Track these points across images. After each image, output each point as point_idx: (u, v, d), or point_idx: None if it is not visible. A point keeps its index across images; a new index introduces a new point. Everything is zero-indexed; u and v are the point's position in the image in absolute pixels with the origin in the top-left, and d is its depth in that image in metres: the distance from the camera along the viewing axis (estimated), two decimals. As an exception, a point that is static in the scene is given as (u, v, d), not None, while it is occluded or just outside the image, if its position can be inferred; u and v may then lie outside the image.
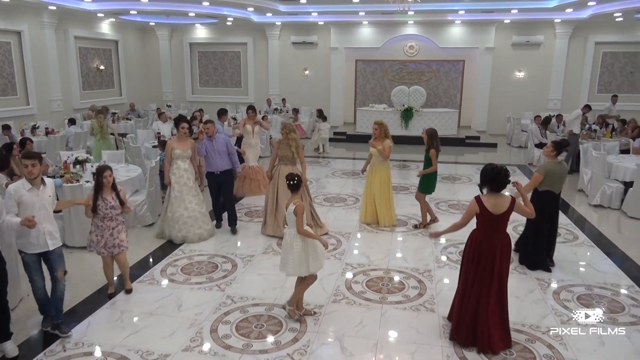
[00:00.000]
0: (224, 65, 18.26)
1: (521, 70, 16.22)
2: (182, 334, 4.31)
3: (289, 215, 4.34)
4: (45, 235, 4.17)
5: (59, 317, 4.33)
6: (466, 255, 4.17)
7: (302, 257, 4.28)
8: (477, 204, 3.98)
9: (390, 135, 7.04)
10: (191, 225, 6.44)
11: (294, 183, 4.38)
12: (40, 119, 12.60)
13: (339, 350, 4.11)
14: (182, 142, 6.42)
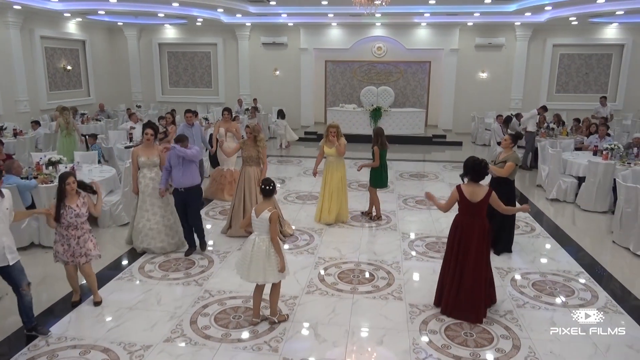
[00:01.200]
0: (194, 66, 18.27)
1: (484, 70, 16.85)
2: (163, 326, 4.49)
3: (260, 221, 4.26)
4: (5, 250, 3.99)
5: (32, 322, 4.31)
6: (449, 237, 4.72)
7: (275, 265, 4.29)
8: (457, 192, 4.55)
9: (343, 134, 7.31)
10: (152, 238, 6.09)
11: (269, 188, 4.36)
12: (6, 120, 12.41)
13: (313, 337, 4.38)
14: (147, 150, 6.06)
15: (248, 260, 4.30)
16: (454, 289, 4.63)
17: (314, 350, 4.17)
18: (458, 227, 4.64)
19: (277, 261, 4.29)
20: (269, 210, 4.25)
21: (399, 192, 9.39)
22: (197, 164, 6.06)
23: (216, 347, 4.17)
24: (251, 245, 4.31)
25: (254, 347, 4.19)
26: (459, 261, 4.59)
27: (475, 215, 4.56)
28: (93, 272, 4.87)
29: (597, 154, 8.96)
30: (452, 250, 4.67)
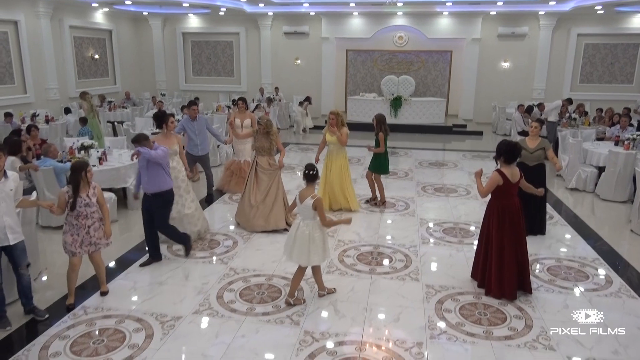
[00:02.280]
0: (217, 55, 18.55)
1: (507, 60, 16.72)
2: (191, 300, 4.77)
3: (304, 207, 4.44)
4: (6, 230, 4.07)
5: (31, 304, 4.40)
6: (498, 222, 4.79)
7: (323, 246, 4.55)
8: (500, 176, 4.67)
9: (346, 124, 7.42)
10: (187, 223, 6.11)
11: (313, 173, 4.50)
12: (37, 107, 12.88)
13: (332, 312, 4.60)
14: (166, 139, 5.98)
15: (291, 243, 4.53)
16: (512, 270, 4.77)
17: (333, 324, 4.39)
18: (507, 210, 4.75)
19: (322, 245, 4.51)
20: (312, 197, 4.41)
21: (418, 180, 9.52)
22: (166, 166, 5.45)
23: (241, 320, 4.43)
24: (295, 228, 4.53)
25: (277, 320, 4.44)
26: (516, 242, 4.78)
27: (514, 195, 4.81)
28: (103, 262, 4.88)
29: (618, 144, 8.94)
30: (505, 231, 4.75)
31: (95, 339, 4.12)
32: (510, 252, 4.78)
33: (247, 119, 8.44)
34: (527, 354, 3.99)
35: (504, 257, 4.80)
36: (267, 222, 6.57)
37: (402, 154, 12.09)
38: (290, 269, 5.47)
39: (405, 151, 12.42)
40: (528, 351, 4.03)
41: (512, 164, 4.76)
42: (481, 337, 4.21)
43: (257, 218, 6.57)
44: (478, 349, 4.05)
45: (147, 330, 4.24)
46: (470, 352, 4.01)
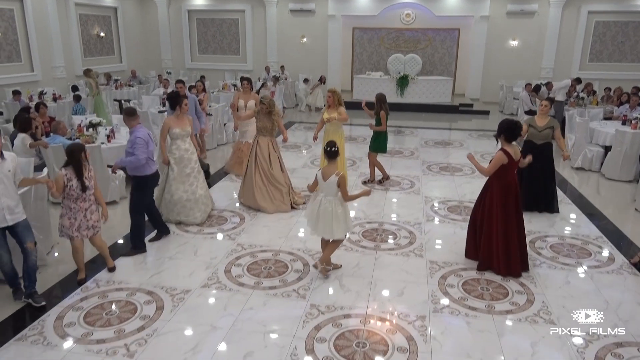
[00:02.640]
0: (223, 33, 18.43)
1: (515, 38, 16.51)
2: (200, 274, 4.89)
3: (328, 184, 4.51)
4: (4, 211, 4.06)
5: (32, 287, 4.32)
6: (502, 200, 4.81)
7: (345, 220, 4.65)
8: (504, 155, 4.70)
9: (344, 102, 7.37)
10: (190, 209, 6.04)
11: (334, 150, 4.57)
12: (44, 85, 12.94)
13: (338, 287, 4.70)
14: (180, 120, 5.91)
15: (315, 218, 4.63)
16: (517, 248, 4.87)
17: (339, 298, 4.49)
18: (509, 189, 4.81)
19: (344, 219, 4.62)
20: (336, 174, 4.50)
21: (424, 159, 9.55)
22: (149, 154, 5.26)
23: (249, 293, 4.55)
24: (317, 204, 4.60)
25: (284, 294, 4.55)
26: (519, 220, 4.89)
27: (515, 174, 4.89)
28: (104, 242, 4.91)
29: (625, 124, 8.89)
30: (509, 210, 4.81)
31: (107, 311, 4.25)
32: (514, 230, 4.85)
33: (251, 100, 8.13)
34: (528, 327, 4.09)
35: (509, 236, 4.85)
36: (269, 204, 6.55)
37: (408, 133, 12.09)
38: (296, 245, 5.59)
39: (411, 130, 12.41)
40: (529, 325, 4.12)
41: (513, 143, 4.81)
42: (483, 311, 4.30)
43: (260, 200, 6.56)
44: (479, 322, 4.15)
45: (158, 303, 4.37)
46: (472, 326, 4.10)
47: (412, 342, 3.85)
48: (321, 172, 4.62)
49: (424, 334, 3.97)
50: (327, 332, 3.97)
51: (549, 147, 6.48)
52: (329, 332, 3.97)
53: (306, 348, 3.76)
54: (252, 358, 3.65)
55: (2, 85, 12.07)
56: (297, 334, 3.93)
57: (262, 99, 6.68)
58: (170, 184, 5.98)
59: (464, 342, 3.90)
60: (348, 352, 3.72)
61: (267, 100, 6.59)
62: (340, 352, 3.72)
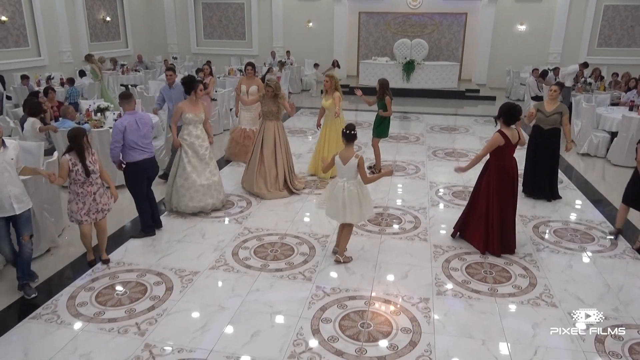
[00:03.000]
0: (228, 17, 18.35)
1: (523, 23, 16.36)
2: (208, 257, 4.99)
3: (348, 168, 4.52)
4: (12, 199, 4.02)
5: (25, 279, 4.30)
6: (500, 183, 4.91)
7: (370, 200, 4.73)
8: (501, 137, 4.79)
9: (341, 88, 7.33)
10: (203, 194, 5.92)
11: (353, 133, 4.56)
12: (51, 70, 12.99)
13: (343, 269, 4.79)
14: (194, 105, 5.81)
15: (341, 206, 4.57)
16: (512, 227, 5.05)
17: (344, 280, 4.58)
18: (507, 171, 4.90)
19: (370, 199, 4.69)
20: (355, 157, 4.53)
21: (429, 144, 9.57)
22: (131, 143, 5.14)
23: (256, 275, 4.64)
24: (341, 191, 4.56)
25: (290, 276, 4.64)
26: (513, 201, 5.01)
27: (512, 156, 4.96)
28: (107, 229, 4.87)
29: (632, 109, 8.85)
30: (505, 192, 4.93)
31: (118, 291, 4.36)
32: (510, 210, 4.97)
33: (254, 86, 7.91)
34: (530, 309, 4.16)
35: (505, 216, 4.98)
36: (266, 191, 6.54)
37: (414, 119, 12.08)
38: (302, 229, 5.67)
39: (416, 116, 12.40)
40: (531, 307, 4.19)
41: (511, 126, 4.88)
42: (486, 294, 4.38)
43: (260, 185, 6.56)
44: (482, 304, 4.22)
45: (167, 284, 4.47)
46: (475, 307, 4.18)
47: (415, 323, 3.94)
48: (339, 157, 4.60)
49: (427, 315, 4.05)
50: (332, 313, 4.06)
51: (556, 132, 6.49)
52: (334, 313, 4.06)
53: (312, 328, 3.86)
54: (259, 337, 3.75)
55: (10, 70, 12.14)
56: (303, 315, 4.02)
57: (268, 81, 6.58)
58: (183, 169, 5.84)
59: (466, 323, 3.98)
60: (353, 332, 3.81)
61: (273, 83, 6.50)
62: (345, 332, 3.81)
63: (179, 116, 5.80)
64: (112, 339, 3.71)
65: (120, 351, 3.57)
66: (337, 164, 4.63)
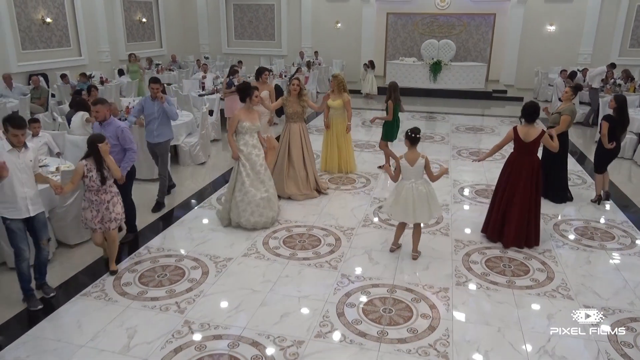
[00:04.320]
0: (258, 18, 18.79)
1: (552, 23, 16.26)
2: (240, 245, 5.32)
3: (416, 169, 4.73)
4: (27, 200, 4.01)
5: (43, 279, 4.35)
6: (501, 172, 5.36)
7: (437, 201, 4.95)
8: (512, 132, 5.20)
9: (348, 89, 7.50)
10: (264, 208, 5.63)
11: (418, 137, 4.74)
12: (91, 69, 13.62)
13: (367, 260, 5.06)
14: (251, 114, 5.59)
15: (411, 206, 4.77)
16: (499, 219, 5.30)
17: (368, 270, 4.85)
18: (509, 164, 5.26)
19: (437, 198, 4.97)
20: (422, 157, 4.78)
21: (454, 144, 9.73)
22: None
23: (285, 263, 4.95)
24: (410, 191, 4.77)
25: (317, 264, 4.93)
26: (505, 194, 5.22)
27: (526, 154, 5.16)
28: (117, 239, 4.79)
29: (661, 111, 8.83)
30: (500, 184, 5.33)
31: (159, 273, 4.74)
32: (521, 204, 5.16)
33: (265, 91, 7.44)
34: (546, 301, 4.34)
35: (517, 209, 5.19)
36: (301, 190, 6.67)
37: (440, 119, 12.23)
38: (329, 222, 5.96)
39: (442, 116, 12.54)
40: (547, 299, 4.37)
41: (531, 124, 5.14)
42: (504, 286, 4.58)
43: (293, 188, 6.63)
44: (499, 295, 4.43)
45: (203, 268, 4.83)
46: (492, 298, 4.38)
47: (434, 310, 4.17)
48: (405, 160, 4.79)
49: (447, 303, 4.28)
50: (356, 298, 4.34)
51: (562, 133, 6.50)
52: (357, 298, 4.33)
53: (337, 312, 4.14)
54: (288, 318, 4.05)
55: (54, 69, 12.81)
56: (328, 299, 4.31)
57: (292, 78, 6.72)
58: (242, 183, 5.57)
59: (483, 311, 4.19)
60: (375, 316, 4.08)
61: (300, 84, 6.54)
62: (368, 316, 4.08)
63: (235, 125, 5.54)
64: (155, 315, 4.07)
65: (162, 326, 3.93)
66: (403, 167, 4.81)
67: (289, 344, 3.72)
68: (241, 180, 5.57)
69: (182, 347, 3.68)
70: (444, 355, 3.63)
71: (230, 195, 5.69)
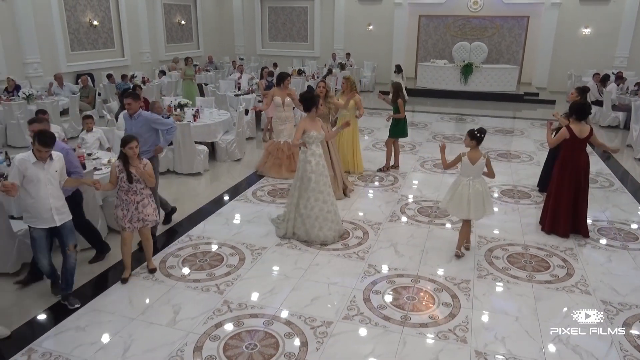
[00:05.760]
0: (292, 20, 19.25)
1: (588, 26, 16.10)
2: (274, 235, 5.69)
3: (477, 167, 4.95)
4: (52, 211, 4.07)
5: (69, 290, 4.33)
6: (560, 171, 5.62)
7: (491, 200, 5.20)
8: (567, 131, 5.43)
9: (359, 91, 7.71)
10: (332, 221, 5.50)
11: (483, 136, 4.97)
12: (132, 70, 14.33)
13: (393, 252, 5.35)
14: (316, 123, 5.49)
15: (466, 203, 4.99)
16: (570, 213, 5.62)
17: (393, 261, 5.14)
18: (567, 162, 5.53)
19: (490, 196, 5.24)
20: (483, 156, 5.01)
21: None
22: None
23: (315, 253, 5.29)
24: (467, 188, 4.99)
25: (345, 255, 5.26)
26: (572, 189, 5.54)
27: (580, 150, 5.52)
28: (151, 237, 4.87)
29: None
30: (563, 181, 5.57)
31: (200, 258, 5.15)
32: (567, 196, 5.53)
33: (287, 98, 7.71)
34: (564, 296, 4.54)
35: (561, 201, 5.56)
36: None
37: (469, 121, 12.36)
38: (357, 216, 6.27)
39: (472, 118, 12.67)
40: (565, 293, 4.57)
41: (583, 122, 5.45)
42: (524, 280, 4.79)
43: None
44: (519, 288, 4.65)
45: (240, 255, 5.22)
46: (512, 290, 4.61)
47: (455, 299, 4.44)
48: (467, 157, 4.99)
49: (468, 294, 4.54)
50: (381, 286, 4.64)
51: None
52: (383, 286, 4.64)
53: (363, 297, 4.45)
54: (318, 301, 4.39)
55: (99, 69, 13.56)
56: (356, 286, 4.63)
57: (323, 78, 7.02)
58: (307, 197, 5.40)
59: (502, 302, 4.43)
60: (399, 302, 4.38)
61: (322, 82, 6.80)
62: (393, 302, 4.38)
63: (301, 135, 5.35)
64: (197, 295, 4.48)
65: (204, 304, 4.33)
66: (464, 164, 5.03)
67: (318, 324, 4.06)
68: (306, 194, 5.40)
69: (222, 322, 4.07)
70: (463, 339, 3.90)
71: (294, 209, 5.52)
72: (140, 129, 5.39)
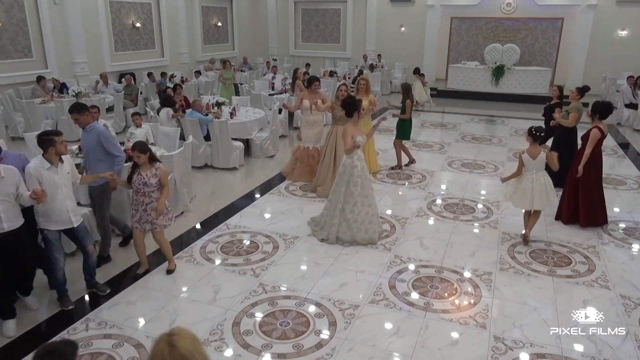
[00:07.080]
0: (325, 22, 19.61)
1: (624, 28, 15.86)
2: (306, 226, 6.03)
3: (538, 162, 5.30)
4: (69, 213, 4.18)
5: (94, 279, 4.57)
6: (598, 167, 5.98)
7: (553, 191, 5.48)
8: (599, 132, 5.77)
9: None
10: (376, 224, 5.63)
11: (540, 134, 5.29)
12: (171, 69, 14.95)
13: (418, 245, 5.61)
14: (358, 127, 5.57)
15: (530, 195, 5.35)
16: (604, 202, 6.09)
17: (419, 253, 5.41)
18: (598, 158, 5.94)
19: (553, 188, 5.49)
20: (544, 151, 5.37)
21: (510, 146, 9.99)
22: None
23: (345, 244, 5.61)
24: (531, 182, 5.36)
25: (373, 246, 5.55)
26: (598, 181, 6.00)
27: (600, 147, 5.94)
28: (165, 240, 4.87)
29: None
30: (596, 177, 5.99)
31: (237, 245, 5.54)
32: (599, 189, 5.98)
33: (319, 101, 7.53)
34: (584, 289, 4.72)
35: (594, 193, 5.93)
36: None
37: (499, 122, 12.44)
38: (385, 210, 6.54)
39: (502, 119, 12.73)
40: (585, 288, 4.74)
41: (604, 120, 5.81)
42: (544, 274, 4.98)
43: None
44: (539, 281, 4.85)
45: (274, 243, 5.58)
46: (532, 283, 4.81)
47: (477, 289, 4.68)
48: (527, 154, 5.35)
49: (489, 285, 4.77)
50: (406, 275, 4.92)
51: (564, 130, 7.12)
52: (408, 276, 4.91)
53: (389, 285, 4.74)
54: (346, 287, 4.70)
55: (141, 69, 14.22)
56: (382, 275, 4.92)
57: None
58: (354, 201, 5.48)
59: (522, 293, 4.64)
60: (423, 290, 4.65)
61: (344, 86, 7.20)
62: (416, 290, 4.65)
63: (349, 140, 5.37)
64: (235, 277, 4.86)
65: (241, 286, 4.70)
66: (525, 160, 5.38)
67: (346, 306, 4.37)
68: (353, 199, 5.47)
69: (258, 302, 4.43)
70: (482, 325, 4.14)
71: (340, 214, 5.51)
72: (90, 143, 4.87)
